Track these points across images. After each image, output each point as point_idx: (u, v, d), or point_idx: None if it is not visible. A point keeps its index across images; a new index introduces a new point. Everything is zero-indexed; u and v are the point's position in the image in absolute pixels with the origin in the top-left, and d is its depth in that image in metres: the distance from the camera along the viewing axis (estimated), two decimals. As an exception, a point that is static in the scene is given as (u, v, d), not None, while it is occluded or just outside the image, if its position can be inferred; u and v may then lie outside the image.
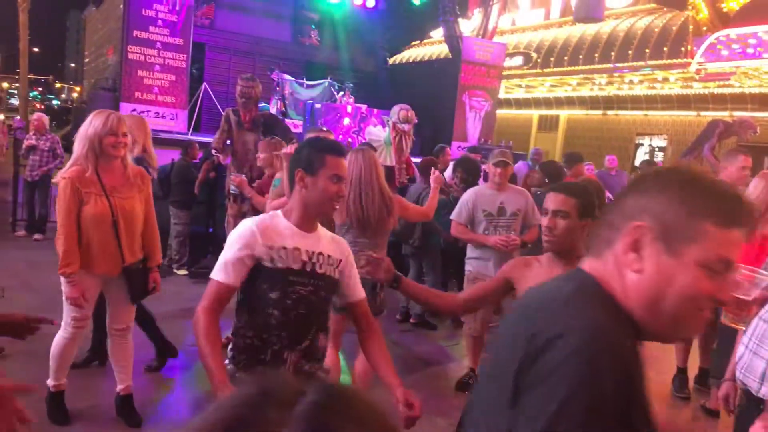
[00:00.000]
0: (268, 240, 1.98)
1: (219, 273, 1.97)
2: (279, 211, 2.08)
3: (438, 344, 5.30)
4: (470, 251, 4.36)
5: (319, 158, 2.00)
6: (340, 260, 2.13)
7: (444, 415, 3.59)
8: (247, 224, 2.02)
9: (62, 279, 3.12)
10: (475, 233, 4.23)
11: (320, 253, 2.06)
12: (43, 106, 49.92)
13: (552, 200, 2.23)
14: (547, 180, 5.17)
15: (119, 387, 3.44)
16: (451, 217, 4.45)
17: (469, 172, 5.39)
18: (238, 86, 5.95)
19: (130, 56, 9.91)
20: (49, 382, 3.29)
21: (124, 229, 3.16)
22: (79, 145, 3.09)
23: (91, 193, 3.06)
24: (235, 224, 2.33)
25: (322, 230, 2.13)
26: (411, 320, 5.51)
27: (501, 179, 4.24)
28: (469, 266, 4.34)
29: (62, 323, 3.23)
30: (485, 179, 5.32)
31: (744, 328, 1.80)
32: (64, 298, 3.19)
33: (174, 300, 5.38)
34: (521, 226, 4.33)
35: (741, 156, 4.30)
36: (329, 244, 2.12)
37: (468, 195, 4.33)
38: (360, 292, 2.21)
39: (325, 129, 4.25)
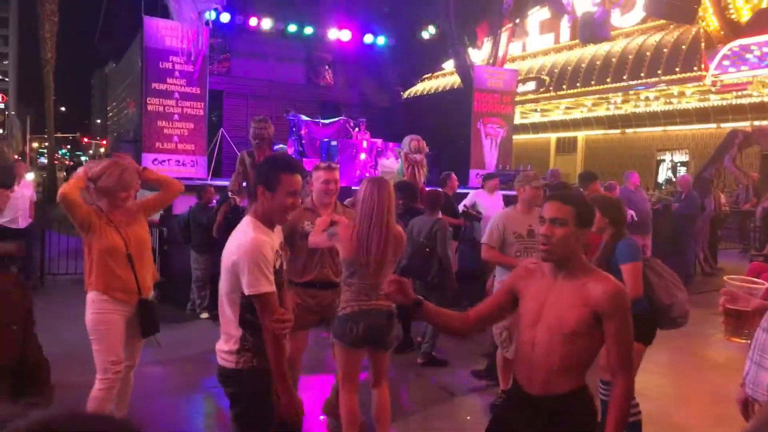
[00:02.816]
0: (272, 248, 2.42)
1: (269, 285, 2.34)
2: (254, 219, 2.45)
3: (461, 374, 5.21)
4: (499, 274, 4.34)
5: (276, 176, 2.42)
6: (283, 242, 2.64)
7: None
8: (263, 238, 2.39)
9: (92, 322, 3.18)
10: (506, 256, 4.22)
11: (280, 244, 2.57)
12: (72, 163, 51.42)
13: (548, 208, 2.14)
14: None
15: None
16: (483, 241, 4.44)
17: (407, 197, 5.59)
18: (251, 128, 6.07)
19: (150, 108, 10.19)
20: None
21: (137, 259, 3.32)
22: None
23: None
24: None
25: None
26: (419, 360, 5.30)
27: (535, 200, 4.30)
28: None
29: (96, 377, 3.18)
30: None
31: (749, 341, 1.72)
32: (94, 346, 3.19)
33: (197, 343, 5.42)
34: None
35: None
36: (279, 233, 2.60)
37: (498, 218, 4.35)
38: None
39: (330, 164, 4.23)
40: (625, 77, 16.36)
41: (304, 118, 13.33)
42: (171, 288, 7.00)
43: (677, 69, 15.22)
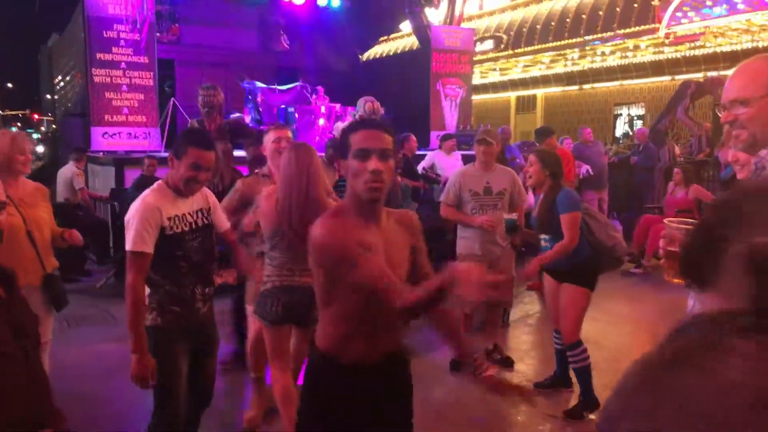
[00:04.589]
0: (166, 212, 2.53)
1: (142, 244, 2.46)
2: (163, 183, 2.62)
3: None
4: (460, 231, 4.47)
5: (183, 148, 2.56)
6: (209, 208, 2.78)
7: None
8: (150, 201, 2.50)
9: None
10: (463, 213, 4.28)
11: (198, 210, 2.70)
12: (23, 141, 49.53)
13: (376, 138, 1.74)
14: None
15: None
16: (440, 199, 4.55)
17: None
18: (199, 96, 5.90)
19: (96, 79, 9.82)
20: None
21: (39, 238, 3.15)
22: None
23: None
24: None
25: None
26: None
27: (485, 157, 4.30)
28: (459, 246, 4.44)
29: None
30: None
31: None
32: None
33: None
34: (508, 206, 4.36)
35: None
36: (200, 199, 2.73)
37: (454, 176, 4.40)
38: (224, 223, 2.92)
39: (279, 123, 4.12)
40: (581, 33, 16.39)
41: (260, 85, 13.05)
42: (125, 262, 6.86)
43: (632, 22, 15.29)
